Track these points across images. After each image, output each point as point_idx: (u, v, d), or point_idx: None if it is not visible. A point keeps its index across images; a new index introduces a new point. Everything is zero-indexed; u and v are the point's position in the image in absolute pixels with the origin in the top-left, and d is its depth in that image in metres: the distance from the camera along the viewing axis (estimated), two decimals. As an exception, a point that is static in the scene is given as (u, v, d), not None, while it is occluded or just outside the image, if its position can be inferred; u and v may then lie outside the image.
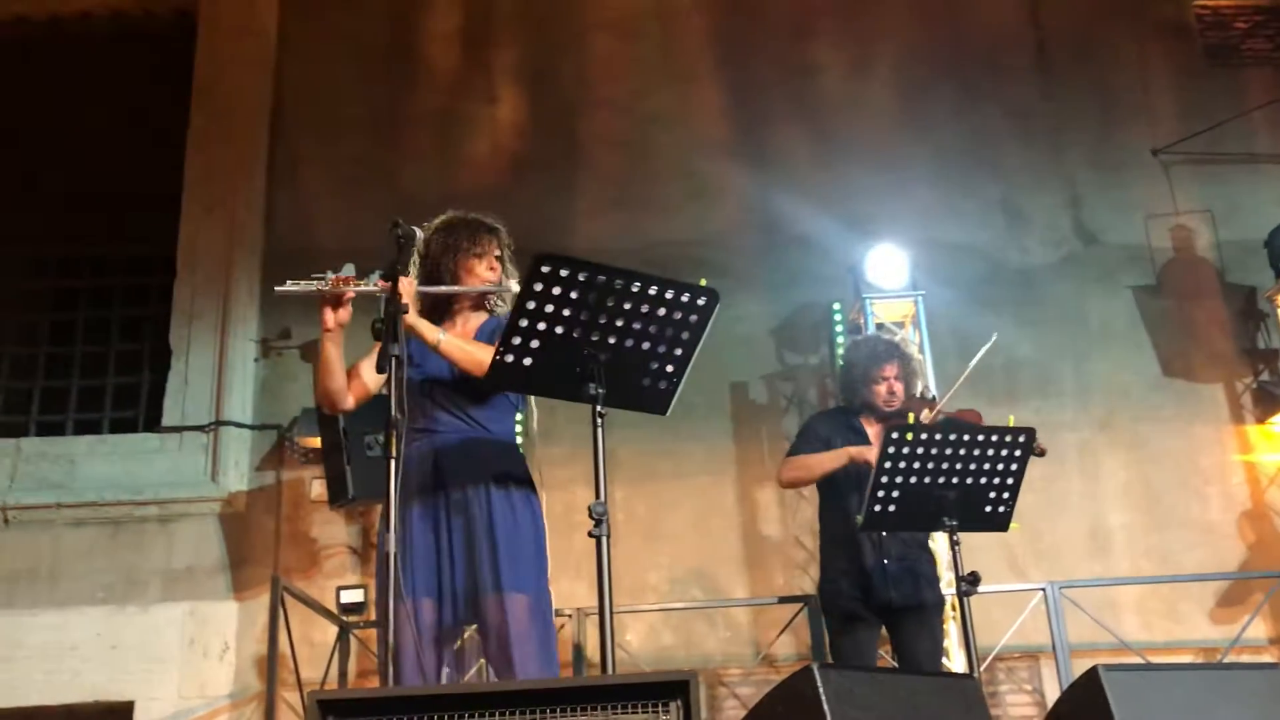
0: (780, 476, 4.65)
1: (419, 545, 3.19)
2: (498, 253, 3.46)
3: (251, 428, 6.88)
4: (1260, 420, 7.09)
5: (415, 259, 3.41)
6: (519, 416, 3.51)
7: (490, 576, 3.11)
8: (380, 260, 3.15)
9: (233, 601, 6.46)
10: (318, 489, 6.59)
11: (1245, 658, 6.31)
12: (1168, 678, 3.44)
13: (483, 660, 3.20)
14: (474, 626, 3.19)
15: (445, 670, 3.16)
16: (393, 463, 2.87)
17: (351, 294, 3.13)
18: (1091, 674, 3.26)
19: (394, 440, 2.88)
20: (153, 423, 6.92)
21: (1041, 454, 4.11)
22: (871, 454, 4.18)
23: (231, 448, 6.74)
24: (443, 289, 3.36)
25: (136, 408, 7.12)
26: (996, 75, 7.89)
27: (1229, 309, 7.40)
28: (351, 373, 3.27)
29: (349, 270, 3.29)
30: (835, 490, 4.48)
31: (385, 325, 2.95)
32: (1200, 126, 7.59)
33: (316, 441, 6.48)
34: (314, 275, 3.22)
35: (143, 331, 7.31)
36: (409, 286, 3.12)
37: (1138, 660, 5.61)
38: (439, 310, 3.42)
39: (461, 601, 3.12)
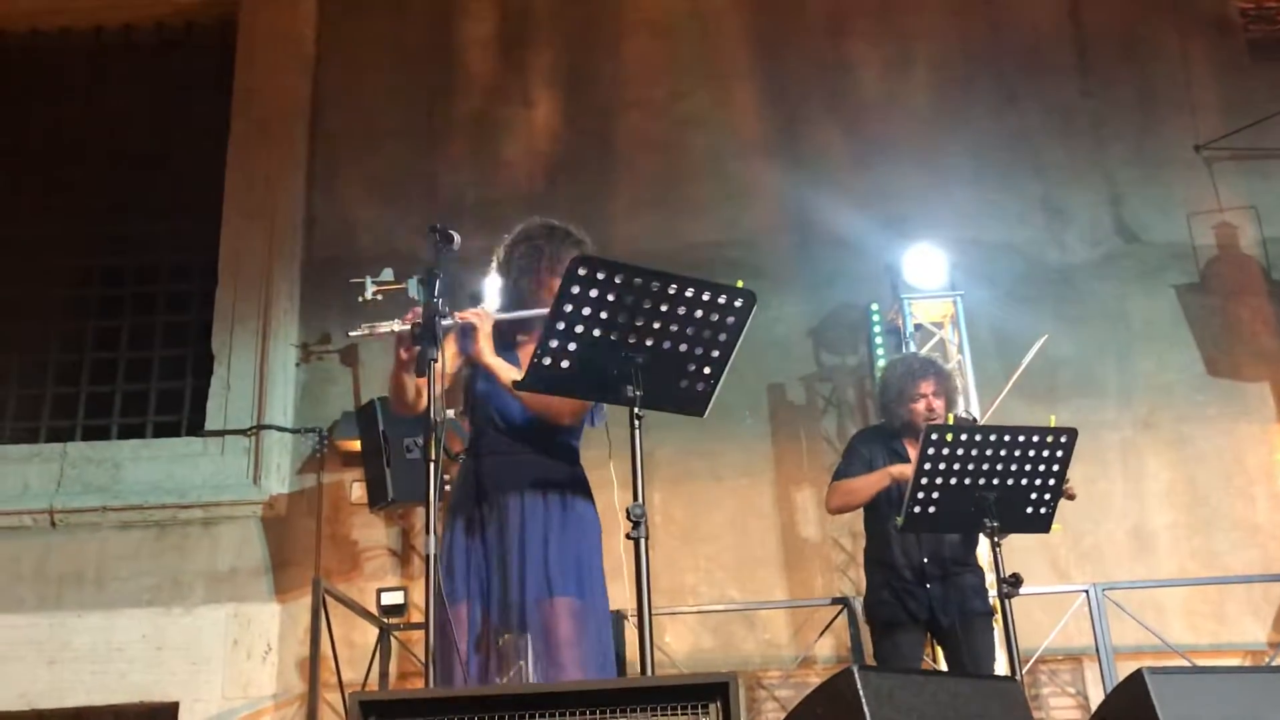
0: (828, 505, 4.64)
1: (467, 549, 3.21)
2: None
3: (292, 431, 6.95)
4: (1307, 418, 6.98)
5: (495, 276, 3.43)
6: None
7: (537, 582, 3.12)
8: (419, 265, 3.18)
9: (275, 603, 6.53)
10: (358, 492, 6.64)
11: (1294, 661, 6.22)
12: (1215, 681, 3.40)
13: (521, 663, 3.20)
14: (520, 632, 3.20)
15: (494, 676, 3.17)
16: (432, 465, 2.89)
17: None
18: (1136, 676, 3.23)
19: (433, 443, 2.90)
20: (195, 427, 7.00)
21: (1071, 498, 4.07)
22: (912, 471, 4.16)
23: (273, 451, 6.82)
24: (521, 314, 3.27)
25: (180, 412, 7.21)
26: (1036, 72, 7.82)
27: (1275, 306, 7.29)
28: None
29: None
30: (877, 512, 4.46)
31: (424, 330, 2.97)
32: (1244, 122, 7.48)
33: (357, 444, 6.54)
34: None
35: (186, 337, 7.40)
36: (486, 320, 3.14)
37: (1183, 663, 5.54)
38: (524, 324, 3.34)
39: (512, 607, 3.13)
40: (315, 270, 7.29)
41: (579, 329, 2.80)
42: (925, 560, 4.27)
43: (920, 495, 3.76)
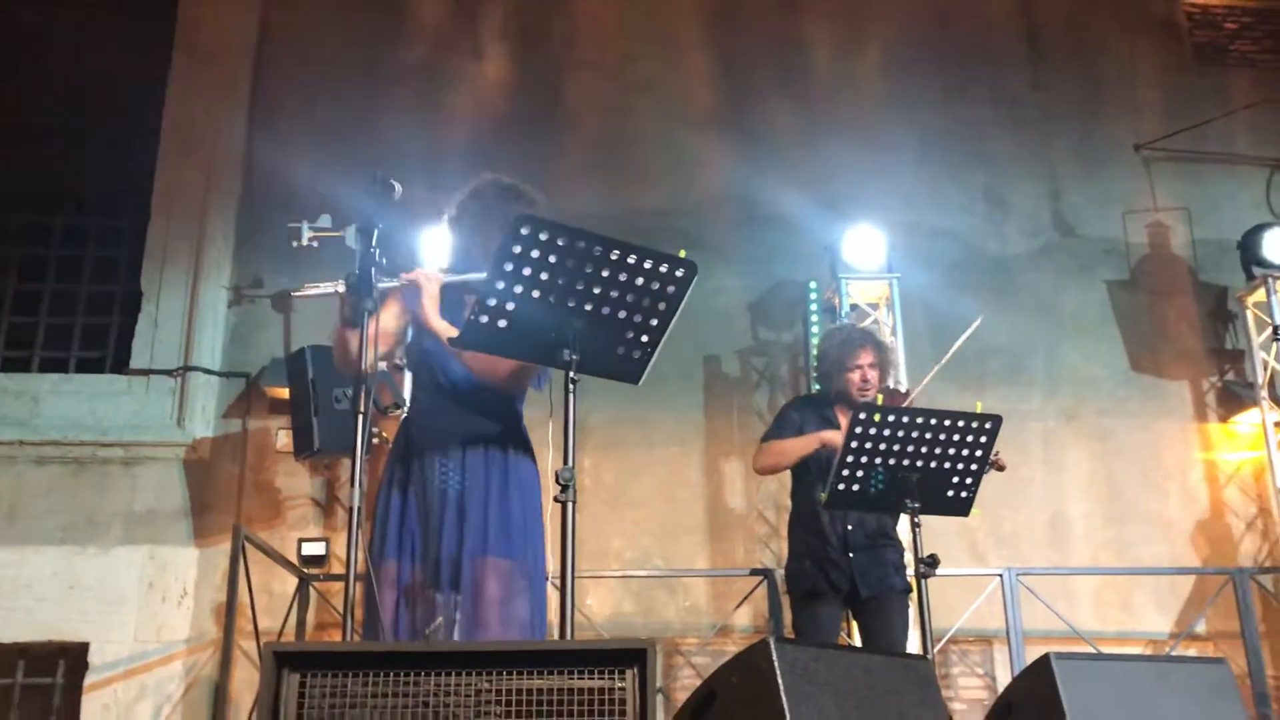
0: (755, 463, 4.65)
1: (403, 506, 3.19)
2: None
3: (220, 374, 6.84)
4: (1223, 419, 7.18)
5: (446, 222, 3.38)
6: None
7: (473, 540, 3.10)
8: (358, 212, 3.12)
9: (193, 548, 6.44)
10: (284, 439, 6.57)
11: (1192, 651, 6.43)
12: (1116, 668, 3.50)
13: (440, 621, 3.19)
14: (451, 590, 3.19)
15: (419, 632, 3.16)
16: (360, 418, 2.87)
17: (385, 304, 3.07)
18: (1043, 660, 3.32)
19: (363, 395, 2.87)
20: (120, 365, 6.86)
21: (1001, 469, 4.14)
22: (842, 439, 4.20)
23: (199, 393, 6.70)
24: (469, 278, 3.17)
25: (104, 349, 7.06)
26: (985, 62, 7.90)
27: (1200, 308, 7.47)
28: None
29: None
30: (805, 477, 4.51)
31: (359, 279, 2.93)
32: (1184, 124, 7.64)
33: (285, 391, 6.46)
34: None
35: (115, 272, 7.23)
36: (434, 283, 3.10)
37: (1089, 649, 5.69)
38: (472, 286, 3.23)
39: (444, 565, 3.11)
40: (251, 212, 7.15)
41: (518, 289, 2.77)
42: (849, 528, 4.33)
43: (845, 473, 3.81)
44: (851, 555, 4.32)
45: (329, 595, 6.20)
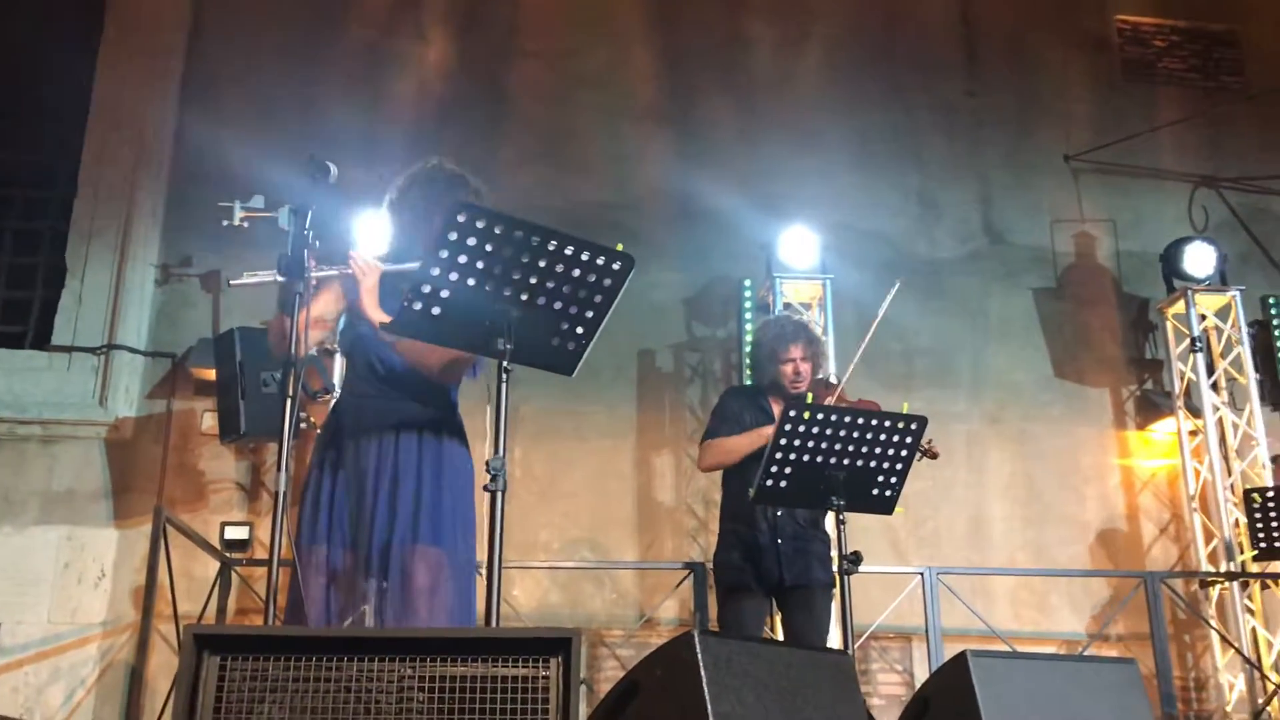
0: (702, 463, 4.66)
1: (333, 491, 3.15)
2: None
3: (145, 353, 6.71)
4: (1140, 427, 7.38)
5: (386, 205, 3.34)
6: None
7: (403, 527, 3.08)
8: (292, 194, 3.08)
9: (113, 529, 6.32)
10: (209, 421, 6.46)
11: (1105, 652, 6.59)
12: (1030, 666, 3.58)
13: (365, 608, 3.17)
14: (380, 577, 3.17)
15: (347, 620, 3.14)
16: (289, 402, 2.84)
17: (313, 280, 3.03)
18: (960, 658, 3.38)
19: (292, 379, 2.85)
20: (42, 340, 6.70)
21: (934, 457, 4.22)
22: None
23: (123, 372, 6.57)
24: (409, 267, 3.05)
25: (26, 323, 6.89)
26: (925, 68, 8.01)
27: (1122, 317, 7.67)
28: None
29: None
30: (737, 466, 4.54)
31: (291, 262, 2.90)
32: (1112, 138, 7.83)
33: (212, 373, 6.35)
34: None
35: (39, 245, 7.05)
36: (373, 273, 3.07)
37: (1005, 648, 5.82)
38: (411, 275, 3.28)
39: (374, 551, 3.09)
40: (182, 189, 7.01)
41: (453, 276, 2.76)
42: (779, 515, 4.37)
43: (774, 469, 3.85)
44: (780, 542, 4.36)
45: (251, 580, 6.12)
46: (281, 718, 2.00)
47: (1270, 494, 4.47)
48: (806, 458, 3.83)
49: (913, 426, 3.92)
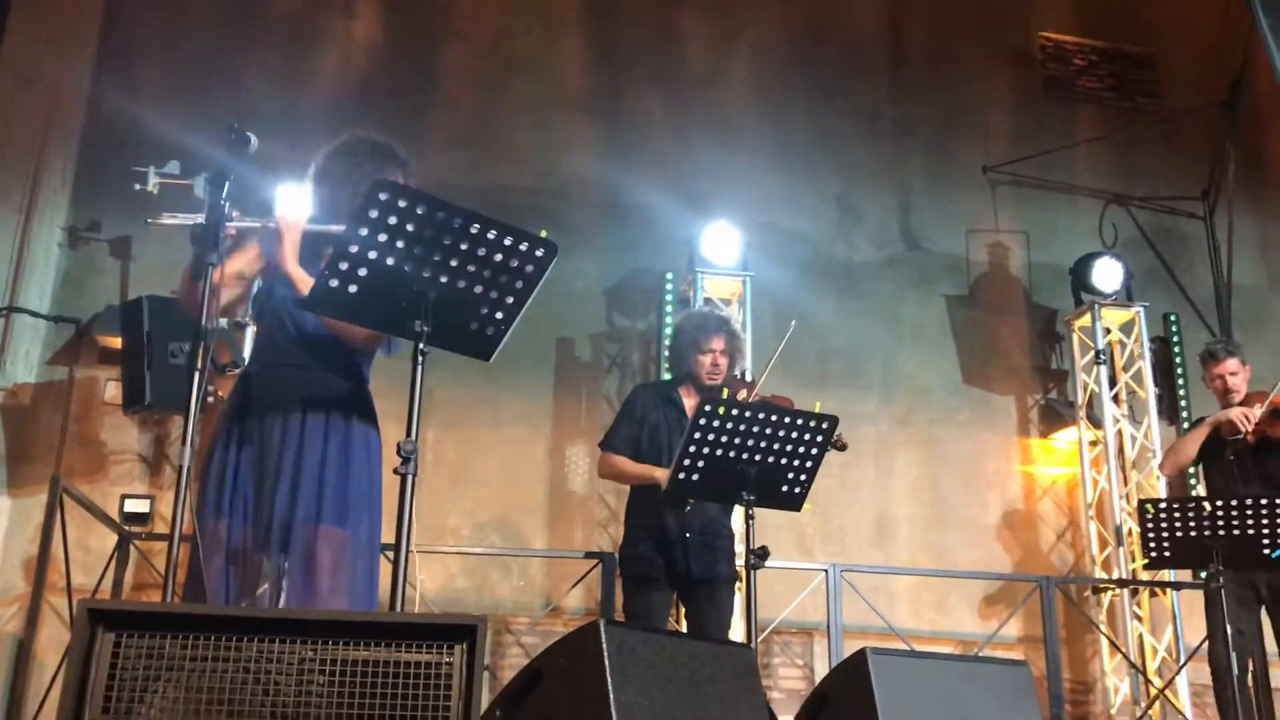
0: (600, 471, 4.72)
1: (237, 465, 3.09)
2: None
3: (47, 318, 6.50)
4: (1043, 435, 7.58)
5: (310, 185, 3.28)
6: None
7: (306, 507, 3.03)
8: (210, 163, 3.01)
9: (6, 497, 6.12)
10: (112, 391, 6.29)
11: (999, 653, 6.76)
12: (927, 665, 3.66)
13: (267, 587, 3.12)
14: (281, 556, 3.11)
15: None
16: (197, 374, 2.78)
17: (233, 232, 2.96)
18: (859, 655, 3.44)
19: (201, 351, 2.79)
20: (-63, 300, 6.46)
21: (843, 448, 4.30)
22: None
23: (23, 337, 6.35)
24: (333, 229, 3.06)
25: (-80, 282, 6.63)
26: (852, 74, 8.12)
27: (1031, 328, 7.86)
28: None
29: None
30: (647, 456, 4.56)
31: (205, 231, 2.84)
32: (1030, 151, 8.01)
33: (117, 341, 6.18)
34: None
35: (-63, 201, 6.79)
36: (295, 229, 3.01)
37: (904, 646, 5.94)
38: (330, 237, 3.21)
39: (276, 530, 3.04)
40: (94, 152, 6.79)
41: (372, 255, 2.73)
42: (688, 510, 4.40)
43: (687, 463, 3.88)
44: (688, 536, 4.40)
45: (150, 555, 5.98)
46: (177, 697, 1.96)
47: (1163, 505, 4.63)
48: (720, 453, 3.86)
49: (824, 426, 3.97)
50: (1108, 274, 7.32)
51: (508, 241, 2.81)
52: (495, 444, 6.81)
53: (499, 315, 2.90)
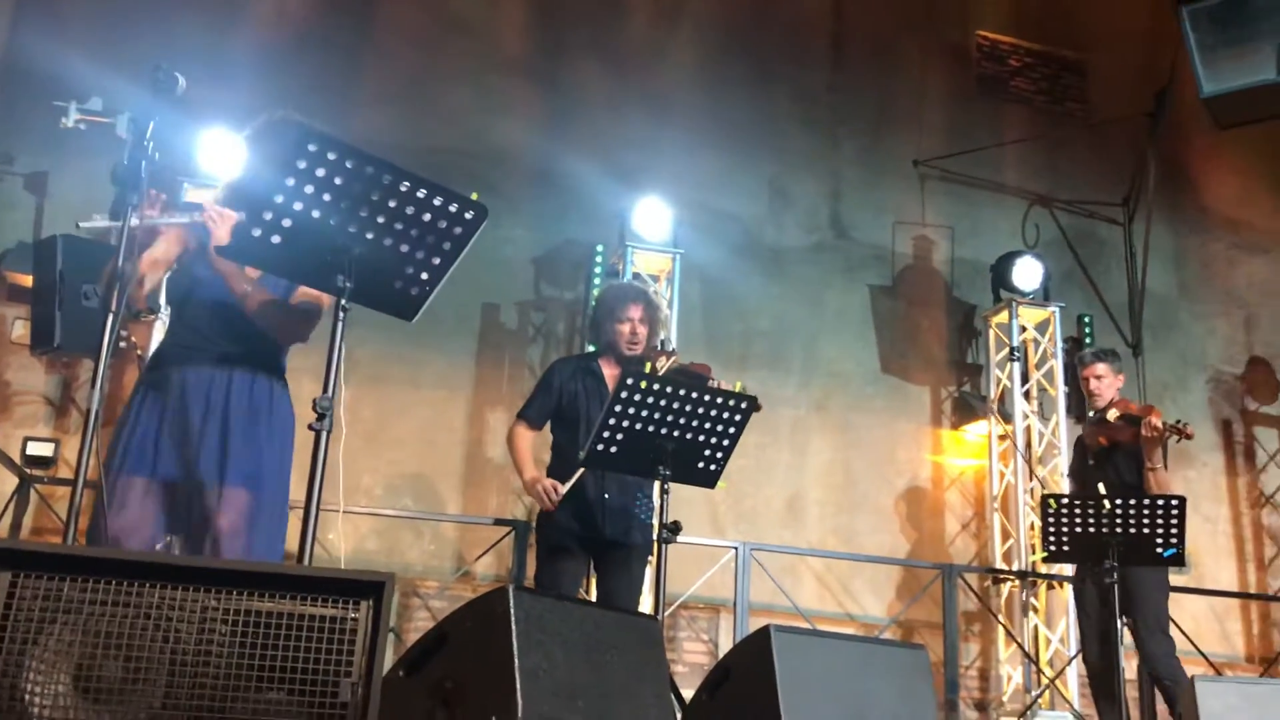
0: (508, 436, 4.73)
1: (149, 419, 3.06)
2: None
3: (-46, 252, 6.29)
4: (955, 427, 7.74)
5: (246, 140, 3.24)
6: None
7: (217, 467, 3.02)
8: (134, 103, 2.93)
9: (-100, 434, 5.94)
10: (20, 330, 6.12)
11: (899, 636, 6.92)
12: (829, 645, 3.73)
13: (172, 538, 3.09)
14: (189, 514, 3.09)
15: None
16: (111, 317, 2.72)
17: (163, 229, 2.92)
18: (763, 632, 3.49)
19: (116, 294, 2.73)
20: None
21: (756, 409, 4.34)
22: (548, 501, 4.30)
23: (-72, 270, 6.15)
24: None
25: None
26: (792, 58, 8.16)
27: (950, 321, 8.01)
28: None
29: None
30: (566, 425, 4.58)
31: (126, 171, 2.78)
32: (960, 148, 8.14)
33: (28, 279, 6.00)
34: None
35: None
36: (226, 222, 2.96)
37: (807, 626, 6.04)
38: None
39: (187, 488, 3.01)
40: (11, 86, 6.56)
41: (297, 206, 2.68)
42: (606, 474, 4.42)
43: (606, 434, 3.89)
44: (607, 497, 4.42)
45: (52, 500, 5.84)
46: (73, 640, 1.93)
47: (1065, 500, 4.76)
48: (639, 426, 3.88)
49: (743, 406, 4.01)
50: (1027, 273, 7.47)
51: (437, 201, 2.78)
52: (414, 406, 6.76)
53: (424, 276, 2.88)
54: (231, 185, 3.20)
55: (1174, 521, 4.56)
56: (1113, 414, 5.24)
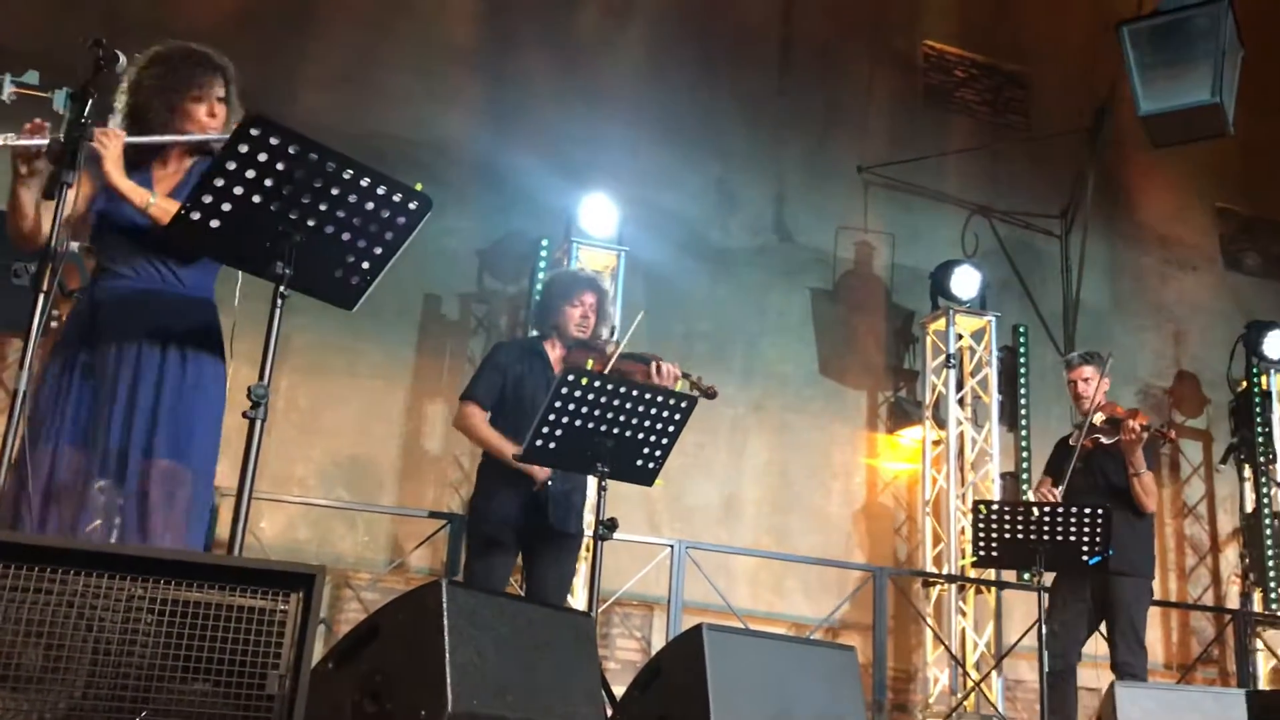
0: (455, 420, 4.66)
1: (70, 392, 2.96)
2: (221, 93, 3.18)
3: (-122, 224, 6.10)
4: (890, 431, 7.84)
5: (122, 97, 3.14)
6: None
7: (141, 439, 2.92)
8: (71, 78, 2.87)
9: None
10: (-56, 307, 5.94)
11: (829, 638, 7.00)
12: (760, 644, 3.76)
13: (99, 522, 3.01)
14: (114, 489, 2.99)
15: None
16: (41, 297, 2.66)
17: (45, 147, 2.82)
18: (695, 630, 3.51)
19: (48, 273, 2.67)
20: None
21: (713, 396, 4.36)
22: (538, 474, 4.29)
23: None
24: (154, 139, 3.06)
25: None
26: (740, 60, 8.20)
27: (888, 327, 8.11)
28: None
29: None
30: (507, 416, 4.56)
31: (64, 149, 2.71)
32: (904, 156, 8.24)
33: (-46, 255, 5.84)
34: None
35: None
36: (115, 141, 2.88)
37: (740, 625, 6.08)
38: (150, 149, 3.13)
39: (109, 461, 2.92)
40: (-56, 51, 6.39)
41: (238, 190, 2.64)
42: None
43: (545, 430, 3.88)
44: (551, 483, 4.41)
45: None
46: (-10, 627, 1.89)
47: (995, 507, 4.84)
48: (579, 423, 3.87)
49: (683, 405, 4.03)
50: (966, 282, 7.58)
51: (381, 191, 2.76)
52: (351, 395, 6.69)
53: (365, 265, 2.85)
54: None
55: (1099, 530, 4.66)
56: (1099, 417, 5.28)
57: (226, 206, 2.65)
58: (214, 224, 2.67)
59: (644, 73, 7.84)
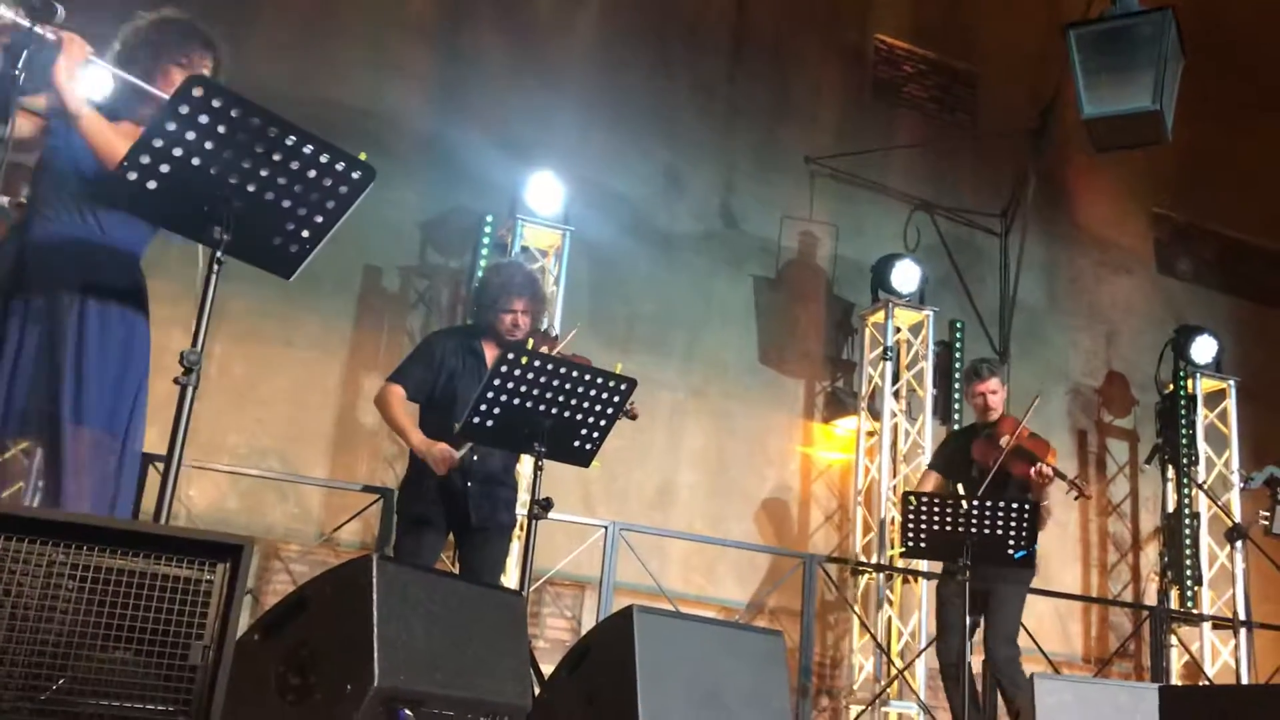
0: (376, 397, 4.61)
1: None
2: (206, 71, 3.14)
3: None
4: (825, 421, 7.92)
5: (116, 45, 3.08)
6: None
7: (64, 399, 2.85)
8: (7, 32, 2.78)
9: None
10: None
11: (758, 622, 7.07)
12: (688, 627, 3.79)
13: (20, 485, 2.95)
14: (31, 450, 2.92)
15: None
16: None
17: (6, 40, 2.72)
18: (626, 612, 3.53)
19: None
20: None
21: (633, 418, 4.40)
22: (443, 467, 4.27)
23: None
24: (115, 71, 2.99)
25: None
26: (694, 47, 8.19)
27: (829, 318, 8.18)
28: None
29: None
30: (434, 403, 4.53)
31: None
32: (851, 148, 8.30)
33: (-122, 205, 5.67)
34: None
35: None
36: (79, 47, 2.80)
37: (670, 607, 6.12)
38: (121, 109, 3.05)
39: (27, 422, 2.84)
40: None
41: (177, 151, 2.59)
42: (474, 459, 4.40)
43: (484, 407, 3.87)
44: (470, 485, 4.41)
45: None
46: (-96, 589, 1.84)
47: (925, 499, 4.92)
48: (517, 401, 3.87)
49: (622, 387, 4.03)
50: (905, 276, 7.66)
51: (324, 159, 2.72)
52: (286, 365, 6.61)
53: (305, 234, 2.81)
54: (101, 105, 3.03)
55: (1025, 525, 4.76)
56: (1006, 439, 5.36)
57: (165, 168, 2.60)
58: (151, 185, 2.62)
59: (597, 55, 7.81)
